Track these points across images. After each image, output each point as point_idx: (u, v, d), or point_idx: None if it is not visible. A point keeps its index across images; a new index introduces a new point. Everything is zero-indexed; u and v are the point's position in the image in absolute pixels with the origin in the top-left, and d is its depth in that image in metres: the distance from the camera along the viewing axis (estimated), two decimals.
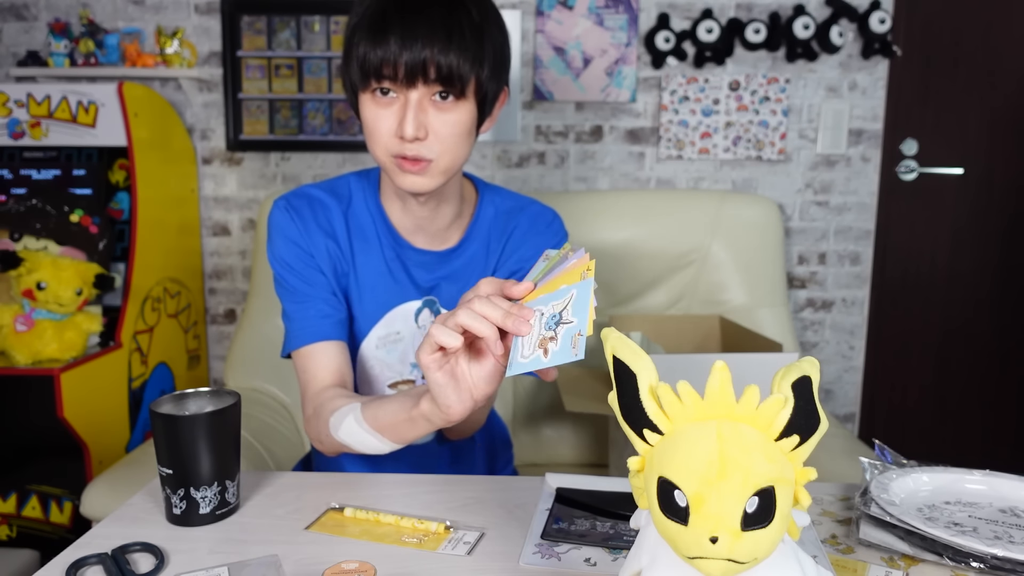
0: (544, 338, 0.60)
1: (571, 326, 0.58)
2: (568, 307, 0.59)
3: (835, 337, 2.70)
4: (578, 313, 0.58)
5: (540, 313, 0.62)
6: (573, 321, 0.58)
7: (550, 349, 0.59)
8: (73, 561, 0.68)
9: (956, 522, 0.72)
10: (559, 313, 0.60)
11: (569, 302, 0.59)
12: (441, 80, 0.87)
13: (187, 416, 0.75)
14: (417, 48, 0.85)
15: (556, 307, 0.60)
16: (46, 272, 1.99)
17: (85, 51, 2.50)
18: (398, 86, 0.88)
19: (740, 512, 0.44)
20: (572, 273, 0.61)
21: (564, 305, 0.60)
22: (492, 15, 0.92)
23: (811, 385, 0.48)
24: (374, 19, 0.88)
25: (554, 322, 0.60)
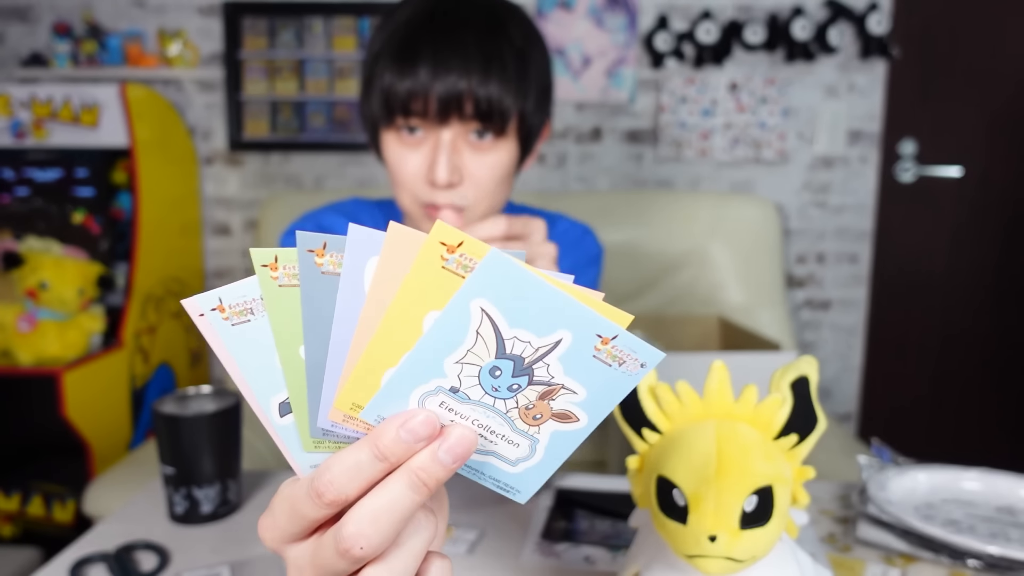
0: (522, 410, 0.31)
1: (572, 399, 0.31)
2: (548, 356, 0.30)
3: (833, 337, 2.71)
4: (585, 380, 0.30)
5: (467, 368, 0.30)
6: (577, 392, 0.31)
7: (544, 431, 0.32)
8: (77, 560, 0.68)
9: (953, 520, 0.72)
10: (522, 363, 0.30)
11: (544, 354, 0.30)
12: (479, 116, 0.75)
13: (189, 416, 0.75)
14: (451, 78, 0.73)
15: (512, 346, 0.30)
16: (49, 272, 2.00)
17: (87, 52, 2.50)
18: (428, 123, 0.76)
19: (739, 511, 0.45)
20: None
21: (536, 352, 0.30)
22: (535, 38, 0.81)
23: (809, 385, 0.49)
24: (401, 45, 0.76)
25: (512, 378, 0.30)
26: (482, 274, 0.28)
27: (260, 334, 0.31)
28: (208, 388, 0.82)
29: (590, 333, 0.29)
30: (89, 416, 2.00)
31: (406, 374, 0.30)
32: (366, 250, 0.29)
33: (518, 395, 0.31)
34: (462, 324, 0.29)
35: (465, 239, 0.28)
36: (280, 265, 0.30)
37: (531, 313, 0.29)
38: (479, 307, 0.29)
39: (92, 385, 2.02)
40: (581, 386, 0.30)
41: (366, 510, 0.29)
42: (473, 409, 0.31)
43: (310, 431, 0.32)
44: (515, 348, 0.29)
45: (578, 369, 0.30)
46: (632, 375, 0.30)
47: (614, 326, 0.29)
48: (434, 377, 0.30)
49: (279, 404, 0.32)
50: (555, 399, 0.31)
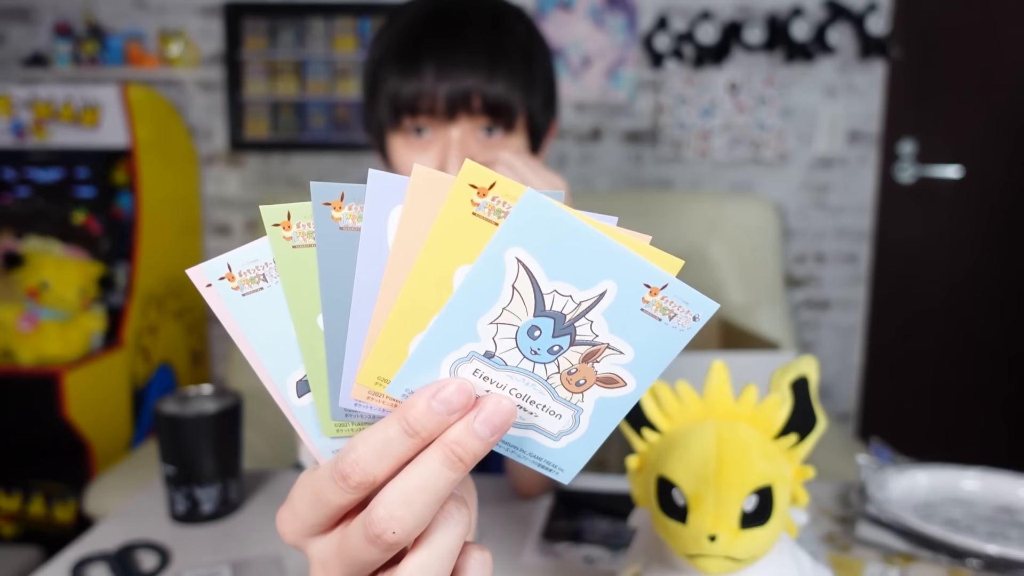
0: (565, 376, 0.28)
1: (619, 359, 0.28)
2: (591, 311, 0.27)
3: (832, 337, 2.71)
4: (632, 338, 0.28)
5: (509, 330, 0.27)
6: (623, 352, 0.28)
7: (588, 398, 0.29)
8: (78, 559, 0.68)
9: (952, 520, 0.73)
10: (563, 321, 0.27)
11: (588, 308, 0.27)
12: (488, 111, 0.75)
13: (191, 416, 0.75)
14: (458, 77, 0.73)
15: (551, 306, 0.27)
16: (50, 272, 2.00)
17: (88, 53, 2.50)
18: (436, 122, 0.75)
19: (738, 511, 0.45)
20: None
21: (578, 307, 0.27)
22: (538, 37, 0.81)
23: (809, 384, 0.49)
24: (404, 47, 0.75)
25: (553, 338, 0.27)
26: (517, 219, 0.25)
27: (274, 304, 0.28)
28: (209, 388, 0.82)
29: (637, 283, 0.26)
30: (90, 416, 2.00)
31: (436, 340, 0.27)
32: (389, 199, 0.26)
33: (559, 358, 0.28)
34: (496, 278, 0.26)
35: (498, 179, 0.25)
36: (294, 223, 0.27)
37: (572, 262, 0.26)
38: (515, 257, 0.26)
39: (93, 385, 2.02)
40: (628, 345, 0.27)
41: (398, 491, 0.26)
42: (511, 376, 0.28)
43: (331, 412, 0.29)
44: (555, 304, 0.27)
45: (624, 325, 0.27)
46: (684, 330, 0.27)
47: (664, 274, 0.26)
48: (467, 341, 0.27)
49: (296, 383, 0.29)
50: (599, 361, 0.28)
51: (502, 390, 0.28)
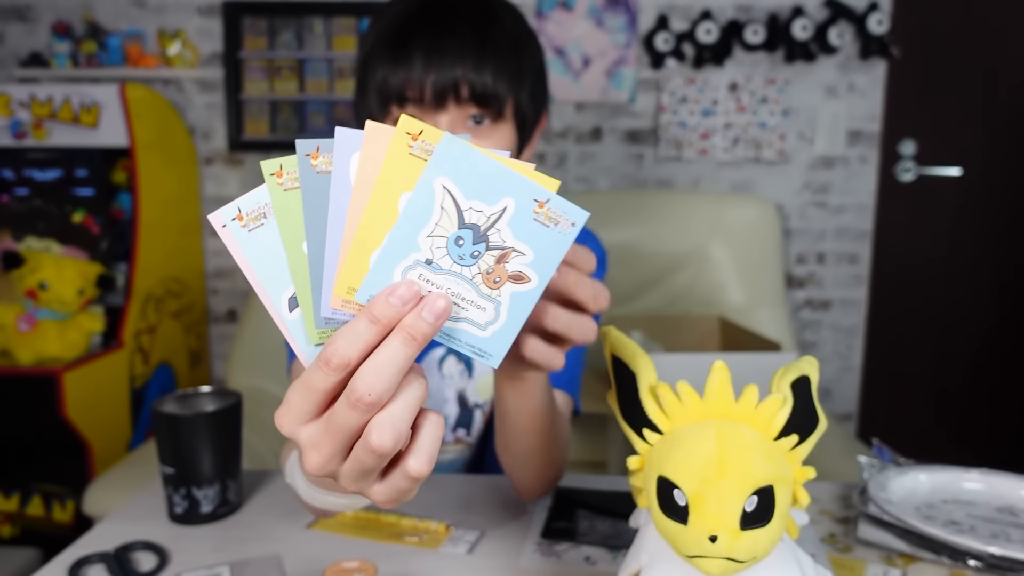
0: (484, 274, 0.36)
1: (523, 259, 0.36)
2: (499, 222, 0.35)
3: (833, 337, 2.71)
4: (530, 242, 0.36)
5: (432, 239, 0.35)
6: (525, 253, 0.36)
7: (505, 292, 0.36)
8: (76, 560, 0.68)
9: (954, 521, 0.72)
10: (479, 231, 0.35)
11: (495, 220, 0.35)
12: (476, 99, 0.75)
13: (189, 416, 0.75)
14: (446, 66, 0.74)
15: (460, 218, 0.35)
16: (48, 272, 2.00)
17: (87, 52, 2.50)
18: (424, 110, 0.76)
19: (739, 511, 0.45)
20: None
21: (488, 219, 0.35)
22: (527, 30, 0.82)
23: (810, 385, 0.49)
24: (393, 38, 0.76)
25: (473, 245, 0.36)
26: (440, 155, 0.34)
27: (272, 236, 0.35)
28: (208, 388, 0.82)
29: (528, 198, 0.35)
30: (89, 416, 2.00)
31: (388, 252, 0.35)
32: (350, 147, 0.34)
33: (479, 261, 0.36)
34: (429, 200, 0.34)
35: (424, 127, 0.34)
36: (284, 172, 0.34)
37: (481, 185, 0.35)
38: (441, 184, 0.34)
39: (92, 385, 2.02)
40: (528, 247, 0.36)
41: (371, 364, 0.34)
42: (446, 278, 0.36)
43: (315, 322, 0.36)
44: (472, 218, 0.35)
45: (524, 232, 0.35)
46: (566, 234, 0.36)
47: (546, 190, 0.35)
48: (412, 252, 0.35)
49: (288, 299, 0.36)
50: (509, 262, 0.36)
51: (439, 289, 0.36)
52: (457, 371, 0.90)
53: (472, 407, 0.91)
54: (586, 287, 0.46)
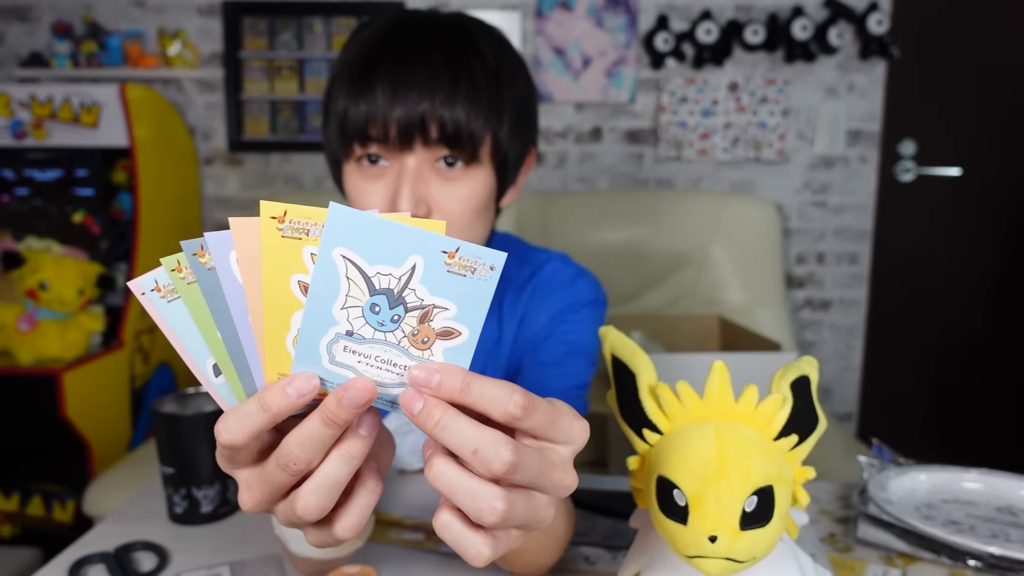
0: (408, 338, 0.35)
1: (447, 315, 0.34)
2: (411, 282, 0.34)
3: (833, 337, 2.71)
4: (450, 295, 0.34)
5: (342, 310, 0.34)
6: (447, 308, 0.34)
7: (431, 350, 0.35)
8: (76, 560, 0.68)
9: (953, 521, 0.72)
10: (393, 295, 0.34)
11: (407, 280, 0.34)
12: (446, 140, 0.67)
13: (189, 415, 0.75)
14: (412, 100, 0.65)
15: (371, 284, 0.34)
16: (49, 272, 2.00)
17: (87, 52, 2.50)
18: (389, 150, 0.68)
19: (739, 511, 0.45)
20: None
21: (400, 281, 0.34)
22: (512, 58, 0.73)
23: (809, 385, 0.49)
24: (357, 66, 0.68)
25: (390, 310, 0.34)
26: (331, 226, 0.32)
27: (189, 308, 0.36)
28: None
29: (436, 251, 0.33)
30: (89, 416, 2.00)
31: (307, 331, 0.34)
32: (224, 247, 0.34)
33: (401, 324, 0.34)
34: (332, 273, 0.33)
35: (288, 207, 0.33)
36: (183, 267, 0.35)
37: (382, 248, 0.33)
38: (340, 255, 0.33)
39: (92, 385, 2.02)
40: (449, 301, 0.34)
41: (295, 437, 0.34)
42: (372, 347, 0.35)
43: (244, 390, 0.37)
44: (382, 283, 0.34)
45: (440, 286, 0.34)
46: (487, 280, 0.34)
47: (452, 240, 0.33)
48: (330, 326, 0.34)
49: (212, 366, 0.37)
50: (433, 319, 0.34)
51: (368, 359, 0.35)
52: None
53: None
54: (459, 435, 0.34)
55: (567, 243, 2.08)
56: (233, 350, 0.36)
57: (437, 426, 0.34)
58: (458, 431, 0.34)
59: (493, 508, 0.34)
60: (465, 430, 0.34)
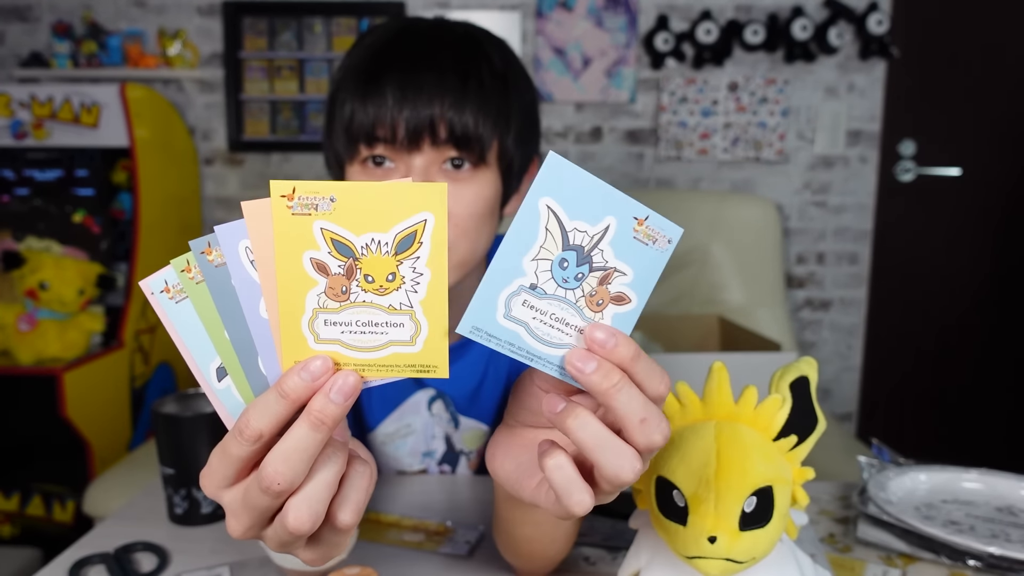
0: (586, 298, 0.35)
1: (623, 280, 0.35)
2: (601, 242, 0.35)
3: (833, 337, 2.71)
4: (631, 261, 0.35)
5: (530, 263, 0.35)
6: (626, 273, 0.35)
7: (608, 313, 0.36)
8: (76, 561, 0.68)
9: (953, 521, 0.72)
10: (583, 252, 0.35)
11: (598, 240, 0.35)
12: (455, 141, 0.67)
13: (189, 416, 0.75)
14: (422, 102, 0.65)
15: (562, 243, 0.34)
16: (49, 272, 2.00)
17: (87, 52, 2.50)
18: (397, 151, 0.67)
19: (738, 512, 0.45)
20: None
21: (592, 240, 0.35)
22: (518, 67, 0.74)
23: (809, 385, 0.49)
24: (364, 70, 0.68)
25: (576, 267, 0.35)
26: (545, 175, 0.33)
27: (196, 308, 0.36)
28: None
29: (629, 216, 0.35)
30: (89, 416, 2.00)
31: (492, 279, 0.34)
32: (235, 238, 0.34)
33: (582, 283, 0.35)
34: (533, 222, 0.34)
35: (296, 184, 0.33)
36: (192, 267, 0.35)
37: (584, 205, 0.34)
38: (545, 205, 0.34)
39: (92, 385, 2.02)
40: (629, 267, 0.35)
41: (279, 452, 0.33)
42: (550, 304, 0.35)
43: (252, 389, 0.36)
44: (576, 238, 0.34)
45: (624, 251, 0.35)
46: (663, 251, 0.35)
47: (645, 207, 0.35)
48: (516, 277, 0.34)
49: (216, 369, 0.36)
50: (611, 283, 0.35)
51: (544, 316, 0.35)
52: (445, 417, 0.86)
53: (458, 452, 0.88)
54: (632, 402, 0.35)
55: None
56: (241, 348, 0.36)
57: (614, 387, 0.34)
58: (632, 397, 0.35)
59: (634, 467, 0.35)
60: (639, 397, 0.35)
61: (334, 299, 0.34)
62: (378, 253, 0.34)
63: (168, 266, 0.35)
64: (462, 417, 0.87)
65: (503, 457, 0.45)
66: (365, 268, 0.34)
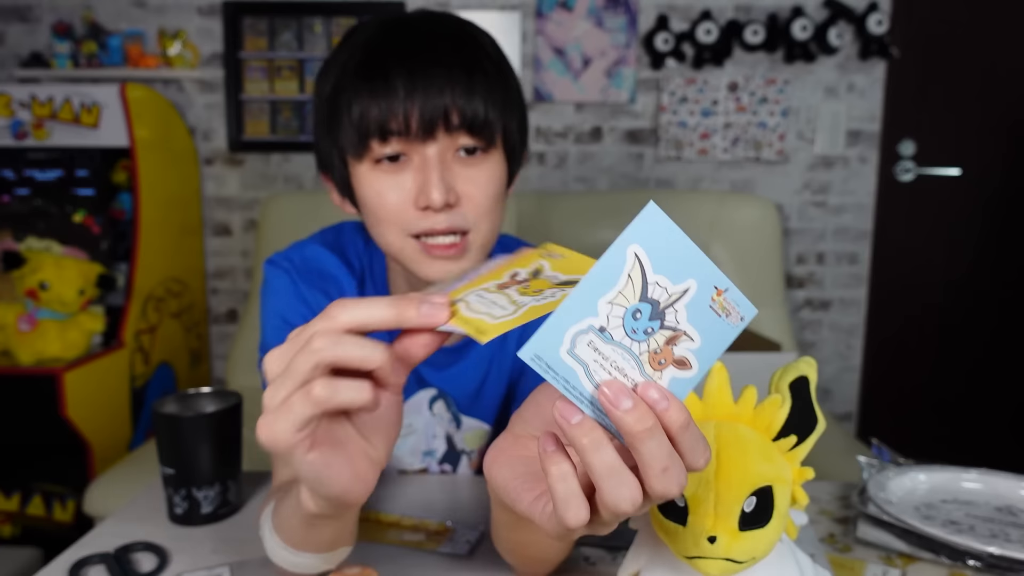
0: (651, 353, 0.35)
1: (690, 345, 0.35)
2: (678, 302, 0.35)
3: (833, 337, 2.71)
4: (701, 328, 0.35)
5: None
6: (693, 339, 0.35)
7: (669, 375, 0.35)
8: (76, 561, 0.68)
9: (953, 520, 0.72)
10: (658, 308, 0.34)
11: (676, 300, 0.35)
12: (467, 127, 0.68)
13: (190, 416, 0.75)
14: (433, 92, 0.66)
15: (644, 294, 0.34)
16: (49, 272, 2.00)
17: (88, 52, 2.50)
18: (411, 143, 0.68)
19: (738, 512, 0.45)
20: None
21: (670, 297, 0.34)
22: (505, 57, 0.76)
23: (809, 385, 0.49)
24: (365, 66, 0.68)
25: (648, 321, 0.34)
26: (640, 223, 0.33)
27: None
28: (208, 388, 0.82)
29: (710, 284, 0.34)
30: (89, 416, 2.00)
31: (566, 312, 0.33)
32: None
33: (650, 339, 0.35)
34: (618, 266, 0.33)
35: (562, 251, 0.38)
36: None
37: (671, 261, 0.34)
38: (633, 252, 0.33)
39: (92, 385, 2.02)
40: (698, 333, 0.35)
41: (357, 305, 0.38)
42: (614, 350, 0.34)
43: None
44: (654, 292, 0.34)
45: (698, 317, 0.35)
46: (734, 327, 0.35)
47: (726, 279, 0.35)
48: (588, 316, 0.33)
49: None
50: (677, 345, 0.35)
51: (606, 361, 0.34)
52: (446, 417, 0.87)
53: (459, 452, 0.89)
54: (659, 449, 0.34)
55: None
56: None
57: (645, 431, 0.33)
58: (661, 445, 0.34)
59: (635, 501, 0.35)
60: (666, 446, 0.34)
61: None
62: (549, 281, 0.38)
63: None
64: (464, 416, 0.87)
65: (502, 465, 0.45)
66: (533, 284, 0.37)
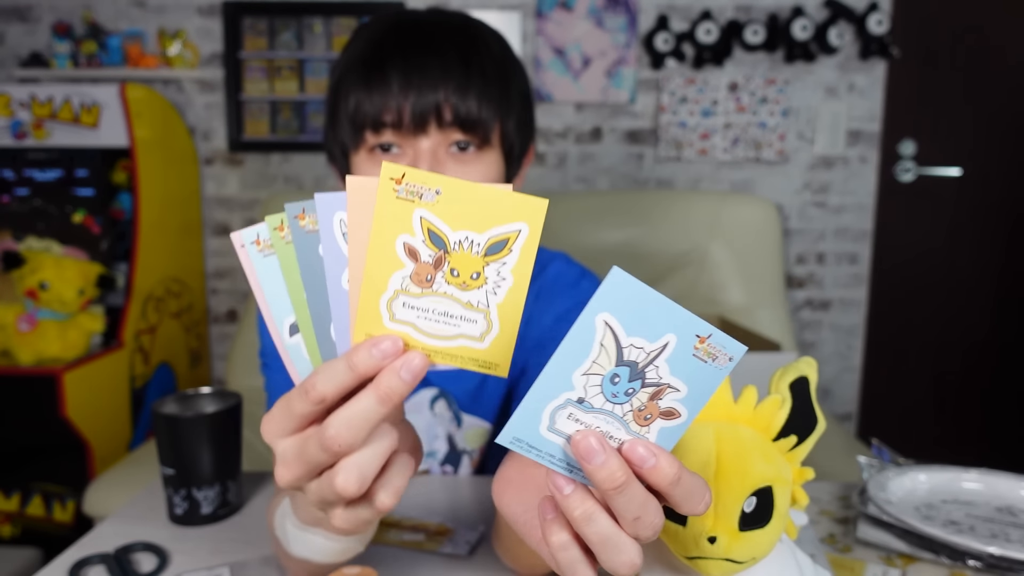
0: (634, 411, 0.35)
1: (676, 395, 0.35)
2: (658, 359, 0.34)
3: (833, 337, 2.71)
4: (686, 377, 0.34)
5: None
6: (679, 389, 0.34)
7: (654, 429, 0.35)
8: (76, 561, 0.68)
9: (953, 521, 0.72)
10: (636, 368, 0.34)
11: (655, 357, 0.34)
12: (460, 123, 0.69)
13: (189, 417, 0.75)
14: (427, 87, 0.67)
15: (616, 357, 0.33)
16: (49, 272, 2.00)
17: (87, 52, 2.50)
18: (403, 135, 0.69)
19: (738, 512, 0.45)
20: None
21: (648, 356, 0.33)
22: (513, 55, 0.76)
23: (809, 385, 0.49)
24: (365, 60, 0.70)
25: (628, 383, 0.34)
26: (605, 289, 0.32)
27: (282, 265, 0.38)
28: (208, 388, 0.82)
29: (691, 334, 0.33)
30: (89, 416, 2.00)
31: (541, 391, 0.33)
32: (332, 209, 0.36)
33: (632, 399, 0.34)
34: (588, 337, 0.32)
35: (407, 171, 0.34)
36: (284, 227, 0.37)
37: (644, 322, 0.33)
38: (603, 320, 0.32)
39: (92, 385, 2.02)
40: (683, 383, 0.34)
41: (343, 416, 0.35)
42: (596, 417, 0.34)
43: (321, 353, 0.39)
44: (631, 355, 0.33)
45: (681, 368, 0.34)
46: (722, 369, 0.34)
47: (708, 325, 0.33)
48: (564, 390, 0.33)
49: (289, 325, 0.39)
50: (663, 398, 0.34)
51: (587, 427, 0.34)
52: (447, 416, 0.87)
53: (460, 452, 0.89)
54: (631, 503, 0.34)
55: (567, 243, 2.08)
56: (316, 311, 0.38)
57: (617, 488, 0.33)
58: (632, 499, 0.34)
59: (633, 563, 0.35)
60: (639, 498, 0.34)
61: (417, 284, 0.36)
62: (468, 251, 0.35)
63: (263, 222, 0.38)
64: (465, 415, 0.87)
65: (511, 498, 0.46)
66: (453, 262, 0.35)
